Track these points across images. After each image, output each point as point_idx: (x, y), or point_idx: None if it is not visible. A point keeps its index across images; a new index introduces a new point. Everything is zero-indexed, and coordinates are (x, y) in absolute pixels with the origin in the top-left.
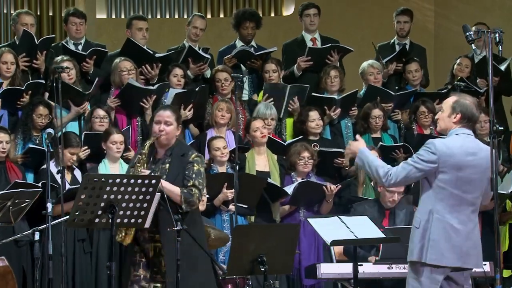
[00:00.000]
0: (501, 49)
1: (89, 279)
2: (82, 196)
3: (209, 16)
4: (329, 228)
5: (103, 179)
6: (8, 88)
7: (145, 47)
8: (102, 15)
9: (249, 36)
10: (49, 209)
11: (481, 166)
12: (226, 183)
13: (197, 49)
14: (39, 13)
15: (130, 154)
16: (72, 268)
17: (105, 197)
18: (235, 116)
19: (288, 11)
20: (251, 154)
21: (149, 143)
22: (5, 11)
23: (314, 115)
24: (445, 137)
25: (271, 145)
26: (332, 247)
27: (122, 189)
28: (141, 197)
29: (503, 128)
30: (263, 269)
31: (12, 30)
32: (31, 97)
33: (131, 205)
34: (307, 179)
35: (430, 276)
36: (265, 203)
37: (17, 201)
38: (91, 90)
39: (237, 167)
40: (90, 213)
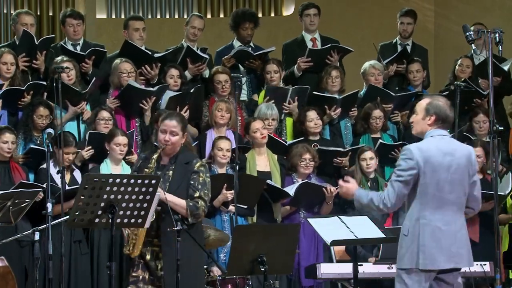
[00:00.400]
0: (501, 49)
1: (86, 280)
2: (82, 196)
3: (209, 16)
4: (329, 228)
5: (103, 179)
6: (8, 88)
7: (143, 47)
8: (102, 15)
9: (248, 36)
10: (49, 209)
11: (459, 165)
12: (225, 184)
13: (195, 49)
14: (39, 13)
15: (133, 157)
16: (68, 269)
17: (105, 197)
18: (234, 116)
19: (288, 11)
20: (252, 154)
21: (156, 157)
22: (5, 11)
23: (312, 114)
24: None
25: (272, 145)
26: (332, 247)
27: (122, 189)
28: (141, 197)
29: (503, 128)
30: (263, 269)
31: (12, 30)
32: (32, 98)
33: (131, 205)
34: (308, 180)
35: (418, 280)
36: (267, 203)
37: (17, 201)
38: (87, 89)
39: (237, 167)
40: (90, 213)
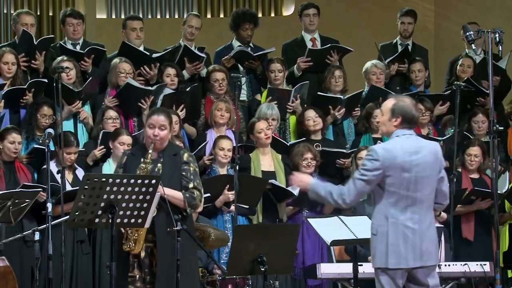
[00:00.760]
0: (501, 49)
1: (88, 280)
2: (82, 196)
3: (209, 16)
4: (329, 228)
5: (103, 179)
6: (10, 88)
7: (141, 48)
8: (102, 15)
9: (248, 37)
10: (49, 209)
11: (427, 163)
12: (227, 185)
13: (193, 48)
14: (39, 13)
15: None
16: (70, 269)
17: (105, 197)
18: (234, 115)
19: (288, 11)
20: (256, 154)
21: (151, 153)
22: (5, 11)
23: (309, 113)
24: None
25: (273, 145)
26: (332, 247)
27: (122, 189)
28: (141, 197)
29: (503, 128)
30: (263, 269)
31: (12, 30)
32: (34, 95)
33: (131, 205)
34: None
35: (392, 279)
36: (272, 203)
37: (17, 201)
38: (83, 87)
39: (237, 167)
40: (90, 213)
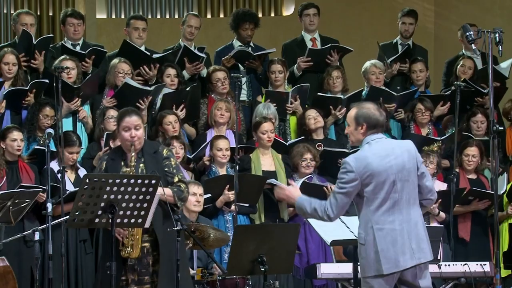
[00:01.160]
0: (501, 49)
1: (90, 279)
2: (82, 196)
3: (209, 16)
4: (329, 228)
5: (103, 179)
6: (12, 89)
7: (142, 48)
8: (102, 15)
9: (248, 37)
10: (49, 209)
11: (402, 162)
12: (227, 185)
13: (192, 48)
14: (39, 13)
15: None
16: (74, 268)
17: (105, 197)
18: (234, 115)
19: (288, 11)
20: (256, 154)
21: (134, 155)
22: (5, 11)
23: (310, 112)
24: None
25: (273, 145)
26: (331, 247)
27: (122, 189)
28: (141, 197)
29: (503, 128)
30: (263, 269)
31: (12, 30)
32: (35, 96)
33: (131, 205)
34: (308, 180)
35: (384, 284)
36: (273, 203)
37: (17, 201)
38: (81, 84)
39: (237, 167)
40: (90, 213)
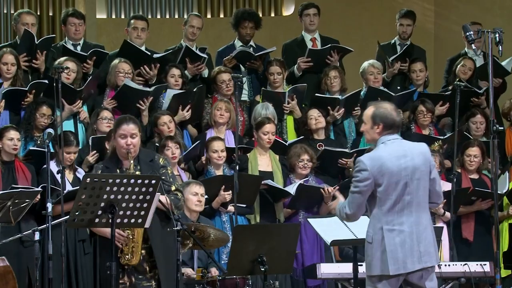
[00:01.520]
0: (501, 49)
1: (89, 279)
2: (82, 196)
3: (209, 16)
4: (329, 228)
5: (103, 179)
6: (11, 88)
7: (142, 48)
8: (102, 15)
9: (247, 36)
10: (49, 209)
11: (415, 165)
12: (223, 185)
13: (194, 48)
14: (39, 13)
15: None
16: (74, 268)
17: (105, 197)
18: (234, 116)
19: (288, 11)
20: (253, 154)
21: (133, 163)
22: (5, 11)
23: (312, 112)
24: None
25: (272, 145)
26: (332, 247)
27: (122, 189)
28: (141, 197)
29: (503, 128)
30: (263, 269)
31: (13, 30)
32: (35, 97)
33: (131, 205)
34: (305, 182)
35: (389, 285)
36: (269, 204)
37: (17, 201)
38: (83, 87)
39: (237, 168)
40: (90, 213)
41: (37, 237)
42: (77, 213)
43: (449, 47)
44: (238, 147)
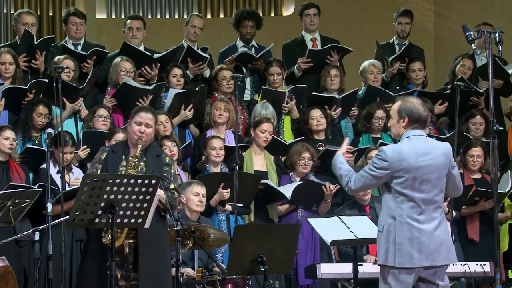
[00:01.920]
0: (501, 49)
1: None
2: (82, 196)
3: (209, 16)
4: (329, 228)
5: (103, 179)
6: (11, 86)
7: (141, 47)
8: (102, 15)
9: (248, 35)
10: (49, 209)
11: (436, 164)
12: (222, 183)
13: (195, 48)
14: (39, 13)
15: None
16: (69, 268)
17: (105, 197)
18: (234, 115)
19: (288, 11)
20: (249, 153)
21: (140, 148)
22: (5, 11)
23: (315, 113)
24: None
25: (272, 145)
26: (332, 247)
27: (122, 189)
28: (141, 197)
29: (503, 128)
30: (263, 269)
31: (13, 29)
32: (35, 96)
33: (131, 205)
34: (306, 177)
35: (397, 278)
36: (262, 204)
37: (17, 201)
38: (84, 85)
39: (237, 167)
40: (90, 213)
41: (36, 237)
42: (77, 213)
43: (449, 47)
44: (238, 146)
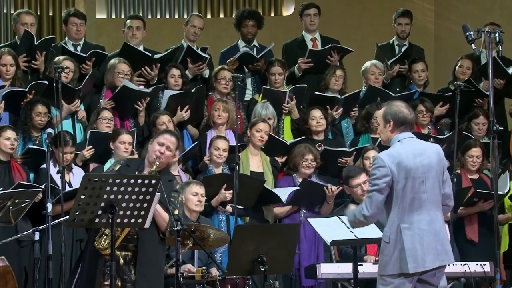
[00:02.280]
0: (501, 49)
1: None
2: (82, 196)
3: (209, 16)
4: (329, 228)
5: (103, 179)
6: (11, 90)
7: (140, 47)
8: (102, 15)
9: (249, 34)
10: (49, 209)
11: (431, 163)
12: (225, 184)
13: (195, 48)
14: (39, 13)
15: (134, 157)
16: (70, 268)
17: (105, 197)
18: (233, 115)
19: (288, 11)
20: (245, 154)
21: (156, 167)
22: (5, 11)
23: (315, 113)
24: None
25: (273, 145)
26: (332, 247)
27: (122, 189)
28: (141, 197)
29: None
30: (263, 269)
31: (12, 30)
32: (34, 97)
33: (131, 205)
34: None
35: (404, 283)
36: (258, 204)
37: (17, 201)
38: (81, 85)
39: (237, 168)
40: (90, 213)
41: (36, 237)
42: (77, 213)
43: (449, 47)
44: (238, 145)
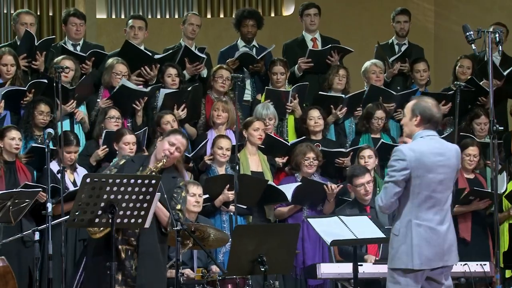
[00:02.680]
0: (501, 49)
1: None
2: (82, 196)
3: (209, 16)
4: (329, 228)
5: (103, 179)
6: (10, 88)
7: (142, 47)
8: (102, 15)
9: (249, 34)
10: (49, 209)
11: (450, 165)
12: (228, 185)
13: (193, 48)
14: (39, 13)
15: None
16: (73, 267)
17: (105, 197)
18: (233, 115)
19: (288, 11)
20: (244, 154)
21: (162, 164)
22: (5, 11)
23: (314, 113)
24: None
25: (273, 145)
26: (331, 247)
27: (122, 189)
28: (141, 197)
29: (503, 128)
30: (263, 269)
31: (12, 30)
32: (34, 96)
33: (131, 205)
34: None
35: (412, 280)
36: (261, 203)
37: (17, 201)
38: (75, 86)
39: (237, 167)
40: (90, 213)
41: (37, 237)
42: (77, 213)
43: (449, 47)
44: (238, 145)
